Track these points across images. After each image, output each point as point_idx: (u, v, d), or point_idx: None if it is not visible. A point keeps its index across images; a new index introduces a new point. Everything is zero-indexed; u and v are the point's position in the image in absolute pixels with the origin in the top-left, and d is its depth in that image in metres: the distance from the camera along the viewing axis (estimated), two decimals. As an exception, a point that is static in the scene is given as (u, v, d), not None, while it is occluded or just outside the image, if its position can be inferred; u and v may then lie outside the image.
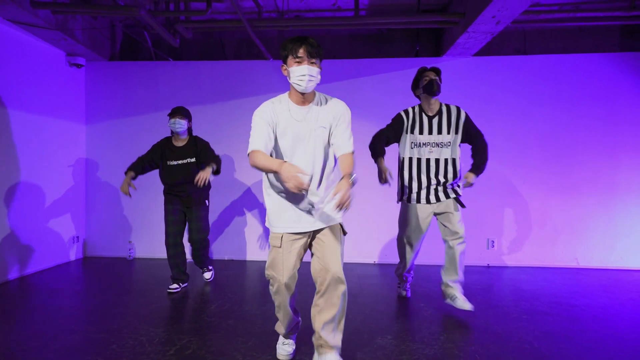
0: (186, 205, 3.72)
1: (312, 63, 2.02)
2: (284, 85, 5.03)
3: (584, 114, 4.83)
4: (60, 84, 4.82)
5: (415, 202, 3.19)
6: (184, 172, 3.66)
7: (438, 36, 5.12)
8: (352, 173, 2.00)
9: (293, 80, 2.05)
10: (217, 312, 3.21)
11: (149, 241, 5.20)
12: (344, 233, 2.26)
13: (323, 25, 4.45)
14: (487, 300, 3.58)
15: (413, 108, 3.19)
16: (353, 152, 2.13)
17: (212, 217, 5.16)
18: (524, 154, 4.90)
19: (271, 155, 2.14)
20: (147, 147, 5.69)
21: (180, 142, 3.73)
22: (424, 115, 3.13)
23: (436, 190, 3.15)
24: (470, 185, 3.12)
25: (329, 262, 2.15)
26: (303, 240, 2.21)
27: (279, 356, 2.42)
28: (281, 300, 2.26)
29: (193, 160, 3.68)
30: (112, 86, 5.23)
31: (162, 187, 3.88)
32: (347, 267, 4.91)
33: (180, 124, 3.61)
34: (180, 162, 3.67)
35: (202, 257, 3.91)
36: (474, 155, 3.19)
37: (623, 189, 4.80)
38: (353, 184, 1.94)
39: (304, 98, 2.11)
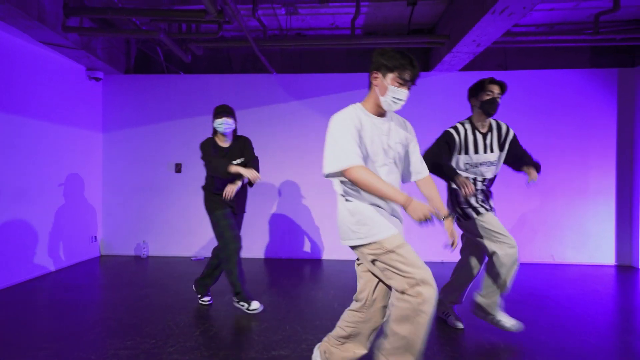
0: (234, 211, 3.46)
1: (409, 88, 1.95)
2: (286, 96, 5.49)
3: (559, 123, 5.33)
4: (80, 95, 5.25)
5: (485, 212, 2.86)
6: (235, 175, 3.32)
7: (427, 53, 5.59)
8: (449, 212, 2.03)
9: (386, 98, 1.93)
10: (230, 302, 3.64)
11: (161, 240, 5.63)
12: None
13: (322, 45, 4.90)
14: (469, 292, 4.03)
15: (462, 124, 2.86)
16: None
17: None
18: (505, 161, 5.38)
19: None
20: (159, 152, 6.17)
21: (225, 143, 3.43)
22: (477, 132, 2.85)
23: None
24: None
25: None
26: None
27: None
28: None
29: (242, 161, 3.40)
30: (127, 97, 5.66)
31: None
32: (347, 265, 5.37)
33: (228, 124, 3.30)
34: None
35: (220, 273, 3.57)
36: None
37: (593, 192, 5.31)
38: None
39: (383, 110, 2.03)
